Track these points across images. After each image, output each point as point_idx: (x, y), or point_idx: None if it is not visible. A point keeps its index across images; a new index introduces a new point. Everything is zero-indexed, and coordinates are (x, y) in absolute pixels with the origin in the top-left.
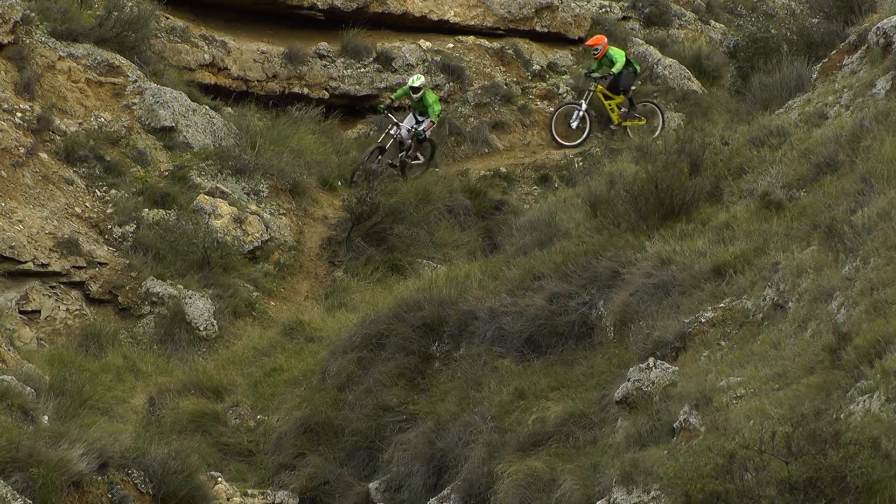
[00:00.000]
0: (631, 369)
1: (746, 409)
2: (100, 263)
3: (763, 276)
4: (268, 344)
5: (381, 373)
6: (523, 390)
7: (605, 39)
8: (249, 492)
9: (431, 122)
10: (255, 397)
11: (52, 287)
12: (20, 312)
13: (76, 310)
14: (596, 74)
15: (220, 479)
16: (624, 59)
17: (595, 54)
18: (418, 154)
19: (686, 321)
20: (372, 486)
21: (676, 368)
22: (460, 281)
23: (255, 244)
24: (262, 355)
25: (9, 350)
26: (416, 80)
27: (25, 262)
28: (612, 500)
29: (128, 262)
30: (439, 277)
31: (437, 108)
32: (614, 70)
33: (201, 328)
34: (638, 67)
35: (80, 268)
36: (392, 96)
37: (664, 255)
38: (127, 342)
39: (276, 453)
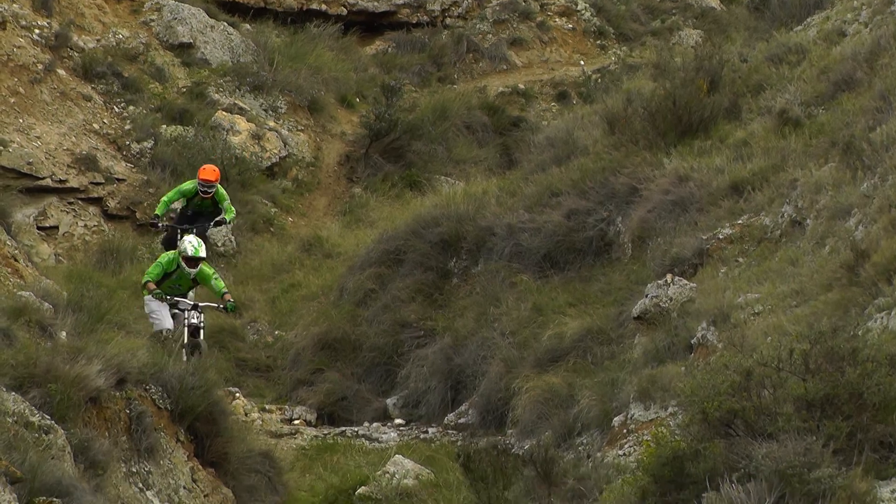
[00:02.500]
0: (649, 286)
1: (764, 326)
2: (118, 179)
3: (781, 193)
4: (286, 260)
5: (398, 289)
6: (541, 306)
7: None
8: (267, 407)
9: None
10: (273, 313)
11: (70, 203)
12: (38, 228)
13: (94, 226)
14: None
15: (238, 394)
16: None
17: (207, 193)
18: None
19: (704, 238)
20: (390, 401)
21: (694, 285)
22: (478, 197)
23: (274, 160)
24: (280, 271)
25: (27, 266)
26: (200, 248)
27: (43, 179)
28: (629, 416)
29: (146, 178)
30: (457, 194)
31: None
32: (228, 218)
33: (219, 244)
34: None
35: (98, 184)
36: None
37: (682, 172)
38: (145, 258)
39: (294, 369)
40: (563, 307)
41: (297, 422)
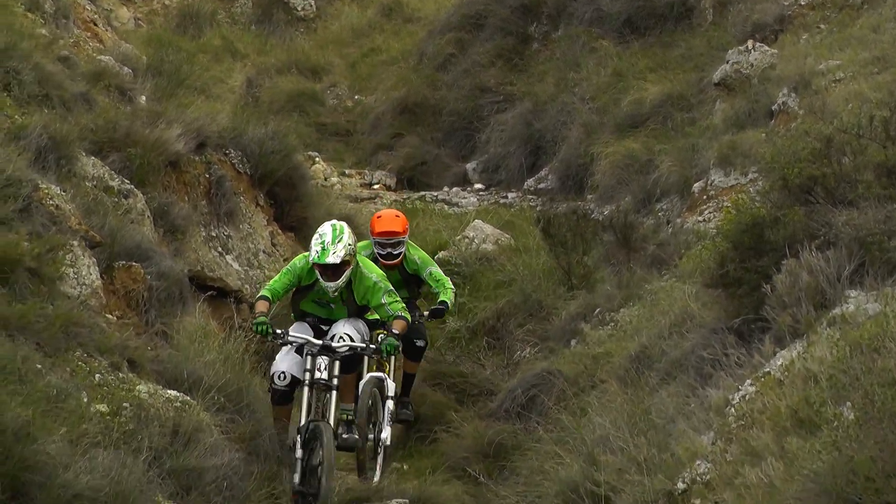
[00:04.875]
0: (730, 52)
1: (845, 93)
2: None
3: None
4: (366, 24)
5: (478, 53)
6: (621, 71)
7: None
8: (347, 171)
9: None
10: (353, 77)
11: None
12: None
13: None
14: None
15: (317, 158)
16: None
17: (393, 257)
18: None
19: (786, 3)
20: (469, 166)
21: (775, 51)
22: None
23: None
24: (359, 36)
25: (106, 30)
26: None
27: None
28: (709, 182)
29: None
30: None
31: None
32: (445, 298)
33: (299, 8)
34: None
35: None
36: None
37: None
38: (225, 22)
39: (374, 134)
40: (644, 72)
41: (376, 186)
